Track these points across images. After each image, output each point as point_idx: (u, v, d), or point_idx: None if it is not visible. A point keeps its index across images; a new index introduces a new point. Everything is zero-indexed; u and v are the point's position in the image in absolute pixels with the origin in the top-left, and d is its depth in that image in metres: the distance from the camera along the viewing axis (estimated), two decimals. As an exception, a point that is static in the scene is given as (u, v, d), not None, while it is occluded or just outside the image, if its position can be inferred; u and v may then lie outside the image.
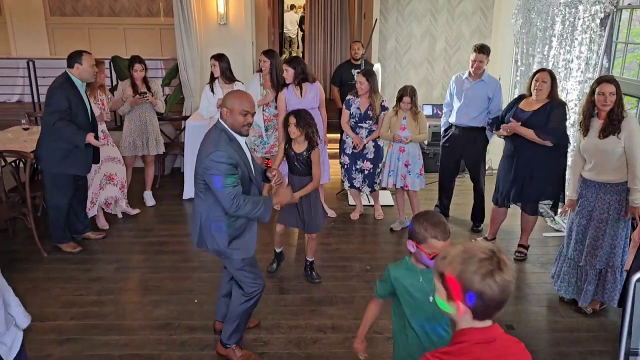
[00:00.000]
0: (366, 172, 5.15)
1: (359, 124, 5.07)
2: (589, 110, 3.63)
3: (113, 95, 5.41)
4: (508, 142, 4.47)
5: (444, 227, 2.09)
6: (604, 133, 3.54)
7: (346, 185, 5.33)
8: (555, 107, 4.20)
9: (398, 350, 2.29)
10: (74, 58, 4.32)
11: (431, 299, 2.06)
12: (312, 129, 3.84)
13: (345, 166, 5.22)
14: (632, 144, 3.48)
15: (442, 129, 5.30)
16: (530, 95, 4.31)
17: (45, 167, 4.41)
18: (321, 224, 4.14)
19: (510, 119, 4.30)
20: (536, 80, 4.23)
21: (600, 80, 3.59)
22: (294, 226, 4.15)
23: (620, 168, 3.55)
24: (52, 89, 4.27)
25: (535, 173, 4.31)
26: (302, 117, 3.82)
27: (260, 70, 5.29)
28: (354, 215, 5.44)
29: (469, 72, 4.99)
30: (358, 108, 5.02)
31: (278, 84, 5.14)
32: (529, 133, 4.19)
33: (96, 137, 4.48)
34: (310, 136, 3.85)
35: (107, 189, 5.10)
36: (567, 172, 4.90)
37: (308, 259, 4.23)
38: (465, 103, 4.98)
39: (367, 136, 5.06)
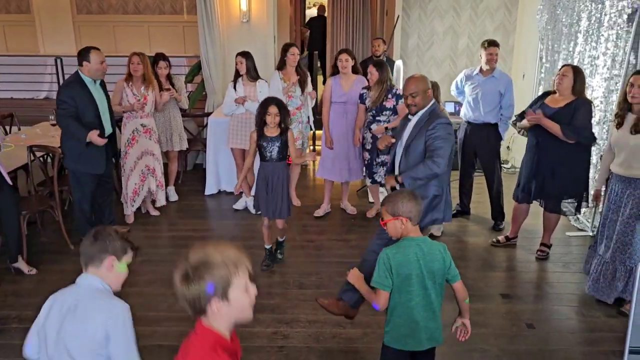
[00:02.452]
0: (388, 164, 5.11)
1: (377, 118, 5.02)
2: (625, 102, 3.55)
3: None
4: (530, 137, 4.42)
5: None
6: (636, 128, 3.47)
7: (368, 181, 5.32)
8: (581, 105, 4.12)
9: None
10: (82, 56, 4.31)
11: None
12: (288, 117, 4.12)
13: (366, 162, 5.22)
14: None
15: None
16: (555, 91, 4.26)
17: (66, 163, 4.52)
18: (286, 211, 4.24)
19: (537, 110, 4.23)
20: (557, 75, 4.19)
21: (636, 72, 3.53)
22: (272, 218, 4.24)
23: None
24: (60, 88, 4.38)
25: (557, 170, 4.24)
26: (283, 106, 4.05)
27: (279, 68, 5.30)
28: (370, 213, 5.43)
29: (480, 68, 4.97)
30: (373, 102, 5.00)
31: (303, 80, 5.29)
32: (555, 127, 4.10)
33: (102, 134, 4.46)
34: (283, 122, 4.04)
35: (149, 180, 5.24)
36: (592, 171, 4.84)
37: (280, 239, 4.41)
38: (477, 99, 4.96)
39: (386, 129, 5.01)
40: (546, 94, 4.42)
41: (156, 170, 5.28)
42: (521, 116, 4.49)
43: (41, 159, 5.04)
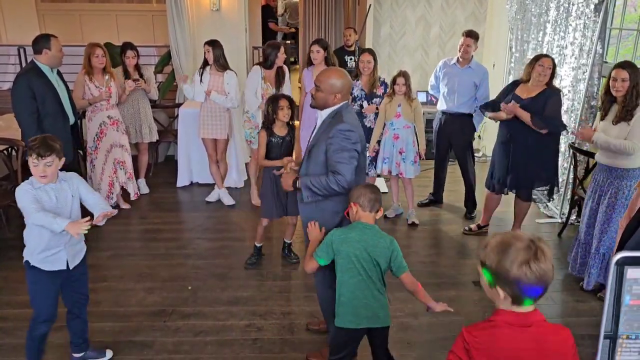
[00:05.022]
0: (374, 154, 5.06)
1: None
2: (607, 95, 3.63)
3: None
4: (502, 128, 4.44)
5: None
6: (616, 119, 3.56)
7: None
8: (552, 94, 4.16)
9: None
10: (41, 43, 4.14)
11: None
12: (294, 114, 4.02)
13: None
14: (634, 129, 3.48)
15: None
16: (527, 80, 4.23)
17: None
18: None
19: (512, 100, 4.22)
20: (540, 66, 4.10)
21: (616, 65, 3.58)
22: (280, 216, 4.12)
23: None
24: (16, 78, 4.16)
25: (531, 160, 4.29)
26: (293, 101, 3.93)
27: (259, 64, 5.16)
28: None
29: (457, 58, 4.97)
30: (362, 89, 4.96)
31: (282, 79, 5.08)
32: (527, 117, 4.13)
33: (75, 124, 4.53)
34: (291, 119, 3.95)
35: (119, 173, 5.17)
36: (560, 159, 4.93)
37: (287, 240, 4.33)
38: (452, 89, 4.97)
39: (374, 117, 4.99)
40: (515, 83, 4.44)
41: (126, 162, 5.19)
42: (492, 107, 4.47)
43: (5, 152, 4.88)
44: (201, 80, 5.07)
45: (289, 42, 11.48)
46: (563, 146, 5.00)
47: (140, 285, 3.93)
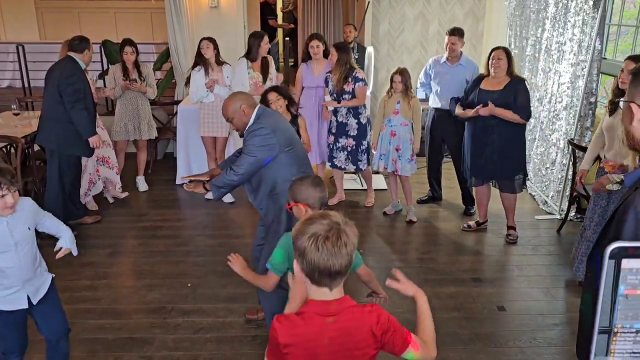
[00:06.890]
0: (349, 149, 5.11)
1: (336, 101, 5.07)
2: (619, 89, 3.57)
3: (103, 79, 5.39)
4: (470, 123, 4.51)
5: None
6: None
7: (327, 165, 5.30)
8: (518, 84, 4.31)
9: None
10: (84, 44, 4.43)
11: None
12: (293, 100, 4.00)
13: (329, 145, 5.21)
14: None
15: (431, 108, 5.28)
16: (489, 74, 4.37)
17: (54, 148, 4.40)
18: None
19: (489, 102, 4.29)
20: (492, 59, 4.31)
21: (627, 58, 3.55)
22: None
23: None
24: (70, 74, 4.30)
25: (506, 152, 4.38)
26: (283, 90, 3.92)
27: (244, 56, 5.21)
28: (333, 201, 5.36)
29: (446, 57, 4.99)
30: (334, 85, 5.01)
31: (267, 69, 5.18)
32: (508, 114, 4.25)
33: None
34: (291, 106, 3.92)
35: (102, 171, 5.15)
36: (559, 155, 4.94)
37: None
38: (444, 87, 4.98)
39: (346, 113, 5.01)
40: (480, 77, 4.51)
41: (110, 157, 5.19)
42: (459, 102, 4.58)
43: (4, 149, 4.89)
44: (207, 76, 5.08)
45: (287, 38, 11.46)
46: (562, 142, 5.00)
47: (140, 283, 3.94)
